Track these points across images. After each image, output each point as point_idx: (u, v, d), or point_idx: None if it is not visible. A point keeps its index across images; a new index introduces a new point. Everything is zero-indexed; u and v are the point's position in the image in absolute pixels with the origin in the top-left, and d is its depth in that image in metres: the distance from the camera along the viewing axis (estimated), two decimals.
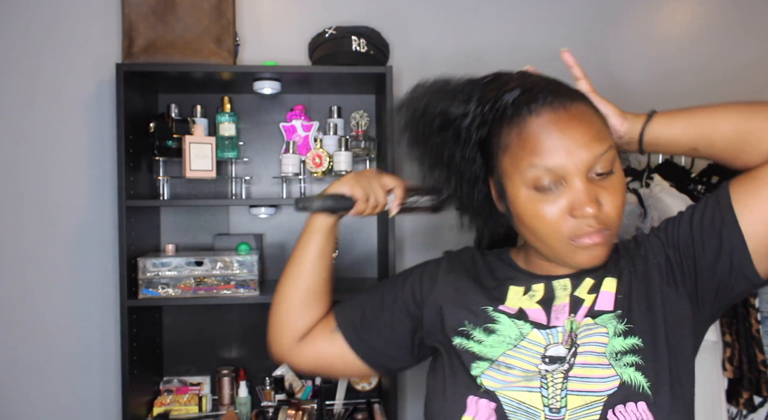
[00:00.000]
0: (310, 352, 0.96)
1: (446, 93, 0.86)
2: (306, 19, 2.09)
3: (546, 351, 0.81)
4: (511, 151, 0.80)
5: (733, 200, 0.80)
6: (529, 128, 0.78)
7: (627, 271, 0.86)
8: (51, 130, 2.01)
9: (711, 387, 1.56)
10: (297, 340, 0.96)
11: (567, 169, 0.77)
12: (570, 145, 0.76)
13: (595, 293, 0.85)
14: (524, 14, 2.18)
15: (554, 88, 0.81)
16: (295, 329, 0.96)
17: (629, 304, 0.83)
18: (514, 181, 0.81)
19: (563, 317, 0.84)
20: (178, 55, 1.80)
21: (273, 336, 0.98)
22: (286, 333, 0.96)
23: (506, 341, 0.83)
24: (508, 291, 0.88)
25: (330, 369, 0.98)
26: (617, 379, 0.78)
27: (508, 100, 0.80)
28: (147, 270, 1.79)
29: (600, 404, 0.77)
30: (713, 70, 2.25)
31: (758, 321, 1.63)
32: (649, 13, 2.25)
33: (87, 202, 2.03)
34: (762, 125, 0.79)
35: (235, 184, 2.01)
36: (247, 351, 2.08)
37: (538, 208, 0.79)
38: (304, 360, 0.97)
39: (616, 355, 0.79)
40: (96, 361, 2.04)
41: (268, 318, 0.98)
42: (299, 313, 0.96)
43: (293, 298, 0.96)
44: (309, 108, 2.06)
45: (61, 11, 2.01)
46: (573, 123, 0.78)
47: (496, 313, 0.86)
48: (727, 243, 0.79)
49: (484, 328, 0.85)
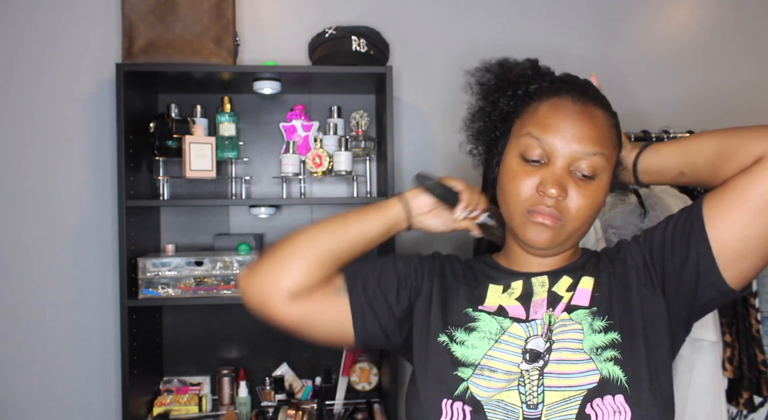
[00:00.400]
0: (302, 308, 0.88)
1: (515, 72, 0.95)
2: (306, 19, 2.09)
3: (527, 344, 0.84)
4: (522, 117, 0.90)
5: (704, 209, 0.83)
6: (546, 104, 0.88)
7: (606, 272, 0.90)
8: (51, 130, 2.01)
9: (711, 387, 1.56)
10: (292, 294, 0.88)
11: (555, 150, 0.85)
12: (568, 132, 0.85)
13: (572, 291, 0.89)
14: (525, 14, 2.18)
15: (585, 89, 0.90)
16: (297, 282, 0.87)
17: (608, 302, 0.87)
18: (512, 145, 0.90)
19: (541, 311, 0.87)
20: (178, 55, 1.80)
21: (264, 277, 0.88)
22: (283, 280, 0.87)
23: (487, 337, 0.86)
24: (487, 290, 0.92)
25: (309, 329, 0.91)
26: (597, 374, 0.80)
27: (548, 83, 0.91)
28: (147, 270, 1.79)
29: (579, 398, 0.79)
30: (713, 70, 2.25)
31: (758, 321, 1.63)
32: (650, 12, 2.25)
33: (87, 202, 2.03)
34: (736, 141, 0.83)
35: (235, 184, 2.01)
36: (247, 351, 2.08)
37: (517, 172, 0.87)
38: (291, 316, 0.88)
39: (597, 350, 0.82)
40: (96, 361, 2.04)
41: (264, 256, 0.90)
42: (313, 268, 0.88)
43: (320, 252, 0.89)
44: (309, 108, 2.06)
45: (61, 11, 2.01)
46: (581, 117, 0.86)
47: (476, 312, 0.89)
48: (693, 249, 0.83)
49: (465, 328, 0.88)
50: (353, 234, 0.92)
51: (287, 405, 1.88)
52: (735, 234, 0.80)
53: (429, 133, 2.15)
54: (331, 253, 0.90)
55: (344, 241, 0.91)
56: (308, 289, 0.88)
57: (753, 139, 0.81)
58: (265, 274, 0.89)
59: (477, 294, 0.92)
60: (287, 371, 2.05)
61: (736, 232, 0.80)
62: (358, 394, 2.04)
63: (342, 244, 0.91)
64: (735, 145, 0.82)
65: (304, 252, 0.89)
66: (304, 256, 0.88)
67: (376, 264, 0.96)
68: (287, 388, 2.01)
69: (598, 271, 0.90)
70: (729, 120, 2.11)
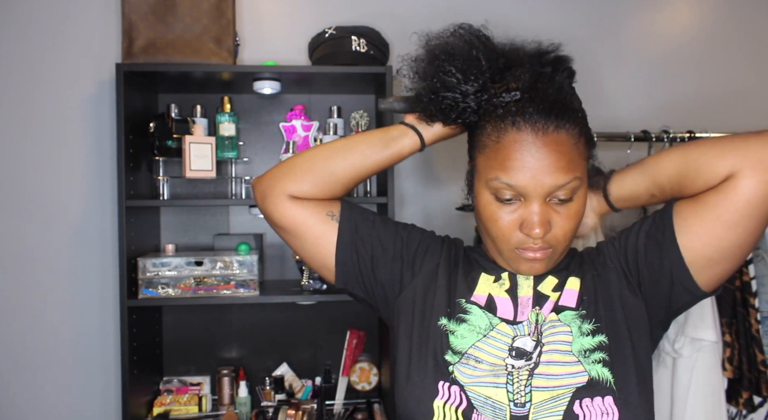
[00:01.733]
0: (296, 211, 0.93)
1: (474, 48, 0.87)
2: (306, 19, 2.09)
3: (513, 342, 0.86)
4: (485, 154, 0.84)
5: (674, 218, 0.84)
6: (505, 139, 0.81)
7: (590, 274, 0.91)
8: (51, 130, 2.01)
9: (711, 387, 1.56)
10: (291, 196, 0.94)
11: (528, 190, 0.81)
12: (536, 169, 0.80)
13: (559, 291, 0.90)
14: (525, 15, 2.18)
15: (549, 106, 0.81)
16: (298, 189, 0.93)
17: (594, 304, 0.88)
18: (480, 181, 0.86)
19: (527, 311, 0.88)
20: (178, 55, 1.80)
21: (273, 177, 0.96)
22: (287, 184, 0.93)
23: (476, 331, 0.87)
24: (479, 277, 0.93)
25: (297, 236, 0.95)
26: (586, 375, 0.82)
27: (504, 100, 0.83)
28: (147, 270, 1.79)
29: (567, 396, 0.81)
30: (713, 70, 2.25)
31: (758, 321, 1.63)
32: (650, 12, 2.25)
33: (87, 202, 2.03)
34: (698, 159, 0.83)
35: (235, 184, 2.01)
36: (247, 351, 2.08)
37: (495, 212, 0.84)
38: (284, 213, 0.93)
39: (585, 353, 0.84)
40: (96, 361, 2.04)
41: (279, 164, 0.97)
42: (312, 182, 0.94)
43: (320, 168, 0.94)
44: (309, 108, 2.06)
45: (61, 11, 2.01)
46: (546, 149, 0.80)
47: (468, 304, 0.90)
48: (666, 258, 0.84)
49: (457, 318, 0.89)
50: (355, 152, 0.95)
51: (287, 405, 1.88)
52: (708, 245, 0.81)
53: None
54: (332, 170, 0.94)
55: (346, 160, 0.94)
56: (307, 197, 0.94)
57: (717, 156, 0.80)
58: (272, 176, 0.96)
59: (469, 281, 0.92)
60: (287, 371, 2.05)
61: (709, 244, 0.81)
62: (358, 394, 2.04)
63: (344, 161, 0.94)
64: (698, 163, 0.82)
65: (308, 164, 0.94)
66: (306, 168, 0.94)
67: (390, 224, 0.97)
68: (287, 388, 2.01)
69: (583, 272, 0.91)
70: (729, 119, 2.11)
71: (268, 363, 2.06)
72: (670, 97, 2.23)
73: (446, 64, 0.87)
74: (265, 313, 2.07)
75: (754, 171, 0.77)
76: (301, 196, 0.93)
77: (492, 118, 0.84)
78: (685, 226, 0.83)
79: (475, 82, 0.85)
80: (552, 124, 0.80)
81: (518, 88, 0.83)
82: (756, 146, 0.78)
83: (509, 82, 0.84)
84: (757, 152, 0.77)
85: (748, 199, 0.78)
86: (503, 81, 0.85)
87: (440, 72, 0.87)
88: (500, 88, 0.84)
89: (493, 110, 0.84)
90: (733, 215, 0.79)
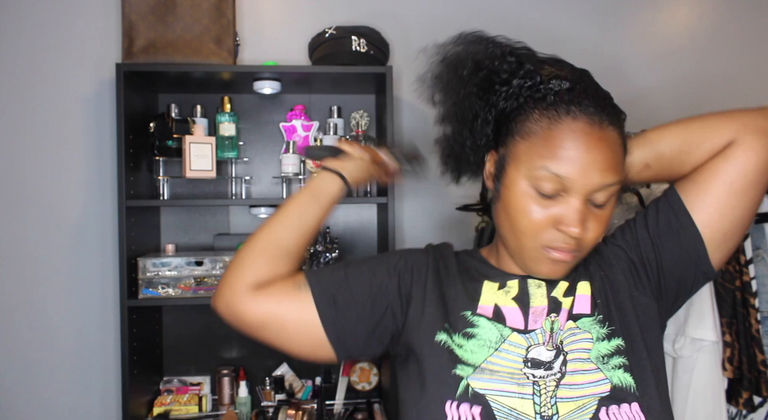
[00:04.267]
0: (266, 301, 0.85)
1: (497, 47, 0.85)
2: (306, 19, 2.09)
3: (528, 353, 0.81)
4: (531, 141, 0.79)
5: (684, 200, 0.85)
6: (559, 127, 0.77)
7: (598, 275, 0.87)
8: (51, 130, 2.01)
9: (711, 387, 1.56)
10: (253, 287, 0.86)
11: (574, 185, 0.77)
12: (587, 163, 0.76)
13: (571, 296, 0.85)
14: (526, 15, 2.18)
15: (601, 100, 0.79)
16: (255, 275, 0.87)
17: (607, 307, 0.84)
18: (519, 170, 0.80)
19: (541, 320, 0.83)
20: (178, 55, 1.80)
21: (227, 281, 0.89)
22: (243, 276, 0.87)
23: (487, 345, 0.81)
24: (482, 287, 0.87)
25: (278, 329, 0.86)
26: (608, 383, 0.78)
27: (554, 88, 0.79)
28: (147, 270, 1.79)
29: (593, 404, 0.77)
30: (712, 68, 2.25)
31: (758, 321, 1.62)
32: (650, 12, 2.25)
33: (87, 202, 2.03)
34: (702, 127, 0.85)
35: (235, 184, 2.01)
36: (247, 351, 2.08)
37: (529, 205, 0.79)
38: (256, 309, 0.85)
39: (603, 359, 0.80)
40: (96, 361, 2.04)
41: (226, 270, 0.91)
42: (265, 261, 0.88)
43: (266, 244, 0.89)
44: (309, 108, 2.06)
45: (61, 11, 2.02)
46: (601, 145, 0.77)
47: (475, 317, 0.84)
48: (685, 241, 0.84)
49: (463, 334, 0.82)
50: (292, 218, 0.91)
51: (287, 405, 1.88)
52: (724, 216, 0.82)
53: (429, 132, 2.14)
54: (277, 242, 0.89)
55: (287, 228, 0.91)
56: (268, 280, 0.87)
57: (719, 124, 0.84)
58: (226, 279, 0.89)
59: (471, 291, 0.86)
60: (287, 371, 2.05)
61: (725, 215, 0.82)
62: (358, 394, 2.04)
63: (285, 230, 0.91)
64: (702, 130, 0.84)
65: (254, 246, 0.89)
66: (254, 251, 0.89)
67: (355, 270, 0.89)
68: (287, 388, 2.01)
69: (591, 274, 0.87)
70: None
71: (268, 363, 2.06)
72: (669, 97, 2.22)
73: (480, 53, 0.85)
74: None
75: (755, 135, 0.81)
76: (261, 280, 0.86)
77: (539, 104, 0.79)
78: (697, 203, 0.83)
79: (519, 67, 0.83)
80: (606, 120, 0.78)
81: (567, 78, 0.80)
82: (755, 115, 0.83)
83: (555, 72, 0.81)
84: (756, 120, 0.83)
85: (756, 163, 0.81)
86: (547, 71, 0.82)
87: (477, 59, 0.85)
88: (548, 75, 0.80)
89: (541, 97, 0.79)
90: (743, 181, 0.81)
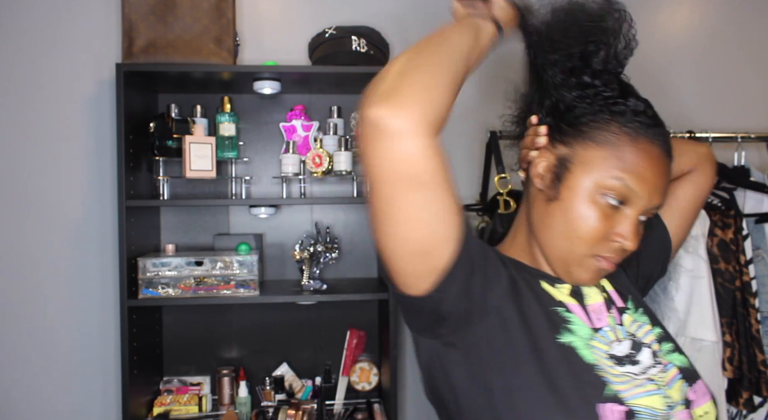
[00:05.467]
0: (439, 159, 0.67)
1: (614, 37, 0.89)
2: (306, 19, 2.09)
3: (611, 349, 0.80)
4: (608, 151, 0.79)
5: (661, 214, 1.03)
6: (639, 146, 0.79)
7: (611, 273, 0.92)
8: (51, 130, 2.01)
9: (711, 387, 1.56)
10: (434, 127, 0.67)
11: (639, 200, 0.79)
12: (656, 187, 0.80)
13: (605, 292, 0.89)
14: None
15: (666, 133, 0.83)
16: (436, 111, 0.67)
17: (636, 300, 0.92)
18: (589, 174, 0.79)
19: (604, 316, 0.84)
20: (178, 55, 1.80)
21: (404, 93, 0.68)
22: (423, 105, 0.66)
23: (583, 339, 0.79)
24: (539, 286, 0.83)
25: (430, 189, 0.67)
26: (673, 367, 0.83)
27: (632, 106, 0.81)
28: (147, 270, 1.79)
29: (686, 385, 0.83)
30: (712, 70, 2.25)
31: (758, 321, 1.63)
32: (650, 12, 2.25)
33: (87, 202, 2.03)
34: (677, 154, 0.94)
35: (235, 184, 2.01)
36: (247, 351, 2.08)
37: (594, 212, 0.79)
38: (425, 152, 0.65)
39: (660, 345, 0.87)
40: (96, 361, 2.04)
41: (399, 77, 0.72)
42: (448, 97, 0.70)
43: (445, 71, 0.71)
44: (309, 108, 2.06)
45: (61, 11, 2.01)
46: (663, 171, 0.81)
47: (567, 313, 0.81)
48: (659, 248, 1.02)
49: (563, 328, 0.79)
50: (454, 45, 0.76)
51: (287, 405, 1.88)
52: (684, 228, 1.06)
53: None
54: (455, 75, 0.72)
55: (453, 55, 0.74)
56: (440, 127, 0.69)
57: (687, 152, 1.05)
58: (403, 95, 0.69)
59: (538, 291, 0.82)
60: (287, 371, 2.05)
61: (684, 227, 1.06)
62: (358, 394, 2.04)
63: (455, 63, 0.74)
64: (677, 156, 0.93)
65: (432, 70, 0.71)
66: (435, 75, 0.70)
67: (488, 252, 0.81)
68: (287, 388, 2.01)
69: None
70: (729, 119, 2.11)
71: (268, 363, 2.06)
72: (669, 97, 2.22)
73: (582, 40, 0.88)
74: (265, 313, 2.07)
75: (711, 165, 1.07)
76: (439, 120, 0.68)
77: (618, 118, 0.80)
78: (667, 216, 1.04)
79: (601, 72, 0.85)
80: (669, 150, 0.82)
81: (641, 100, 0.83)
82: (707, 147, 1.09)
83: (630, 89, 0.84)
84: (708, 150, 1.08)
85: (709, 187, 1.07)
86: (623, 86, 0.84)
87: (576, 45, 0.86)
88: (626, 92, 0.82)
89: (620, 112, 0.80)
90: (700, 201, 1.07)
